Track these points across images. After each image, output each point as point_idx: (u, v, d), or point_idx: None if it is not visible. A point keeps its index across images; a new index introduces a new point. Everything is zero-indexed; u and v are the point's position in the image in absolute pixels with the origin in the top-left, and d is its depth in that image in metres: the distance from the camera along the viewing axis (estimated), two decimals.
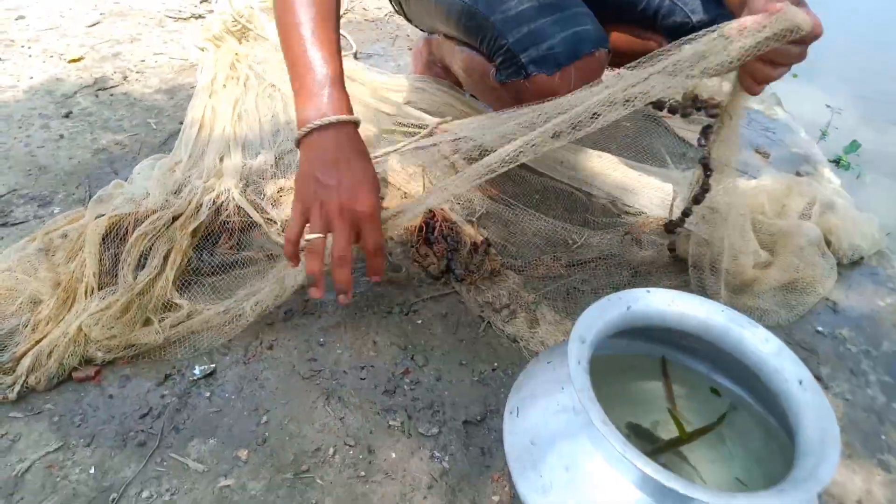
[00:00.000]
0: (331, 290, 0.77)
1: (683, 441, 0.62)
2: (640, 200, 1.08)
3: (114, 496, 0.63)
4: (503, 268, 0.93)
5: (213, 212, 0.95)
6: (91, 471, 0.66)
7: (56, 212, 1.00)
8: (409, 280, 0.92)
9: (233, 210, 0.97)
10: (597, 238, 0.98)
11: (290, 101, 1.17)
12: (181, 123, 1.20)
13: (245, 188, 1.04)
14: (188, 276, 0.87)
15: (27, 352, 0.73)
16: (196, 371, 0.77)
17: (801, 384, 0.55)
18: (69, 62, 1.46)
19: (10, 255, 0.85)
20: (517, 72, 0.91)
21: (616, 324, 0.60)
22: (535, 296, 0.89)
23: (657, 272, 0.95)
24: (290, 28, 0.72)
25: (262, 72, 1.38)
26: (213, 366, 0.77)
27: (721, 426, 0.63)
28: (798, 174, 1.22)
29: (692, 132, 1.32)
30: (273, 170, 1.09)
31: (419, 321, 0.86)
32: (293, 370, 0.78)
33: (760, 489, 0.47)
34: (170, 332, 0.78)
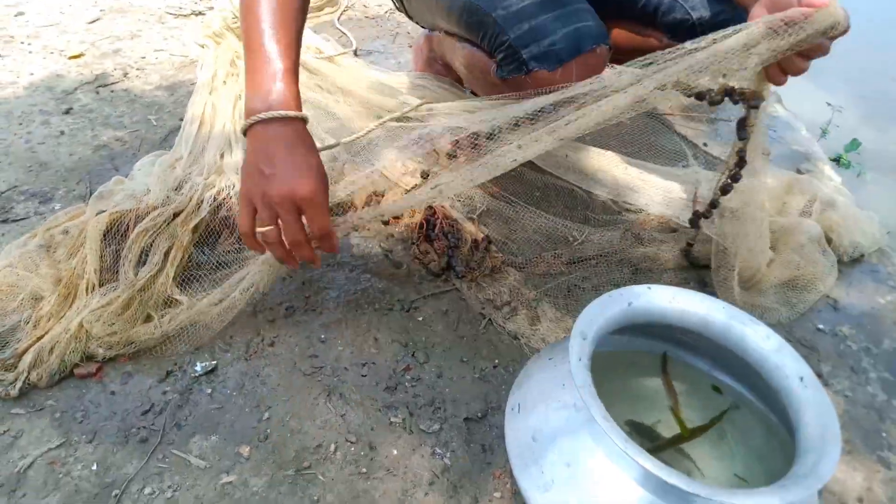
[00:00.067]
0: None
1: (684, 438, 0.62)
2: (641, 198, 1.08)
3: (116, 492, 0.64)
4: (504, 265, 0.93)
5: (214, 208, 0.95)
6: (93, 467, 0.66)
7: (57, 208, 1.00)
8: (410, 277, 0.92)
9: (233, 206, 0.97)
10: (597, 235, 0.98)
11: None
12: (181, 120, 1.20)
13: None
14: (189, 272, 0.87)
15: (29, 348, 0.73)
16: (198, 367, 0.77)
17: (802, 381, 0.55)
18: (69, 58, 1.46)
19: (12, 252, 0.85)
20: (518, 68, 0.91)
21: (617, 320, 0.60)
22: (536, 293, 0.89)
23: (658, 269, 0.95)
24: (252, 24, 0.73)
25: None
26: (215, 362, 0.77)
27: (721, 423, 0.64)
28: (799, 172, 1.22)
29: (692, 130, 1.32)
30: None
31: (420, 318, 0.86)
32: (294, 367, 0.78)
33: (761, 486, 0.47)
34: (168, 327, 0.78)
